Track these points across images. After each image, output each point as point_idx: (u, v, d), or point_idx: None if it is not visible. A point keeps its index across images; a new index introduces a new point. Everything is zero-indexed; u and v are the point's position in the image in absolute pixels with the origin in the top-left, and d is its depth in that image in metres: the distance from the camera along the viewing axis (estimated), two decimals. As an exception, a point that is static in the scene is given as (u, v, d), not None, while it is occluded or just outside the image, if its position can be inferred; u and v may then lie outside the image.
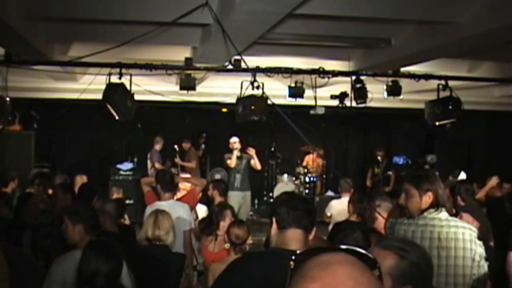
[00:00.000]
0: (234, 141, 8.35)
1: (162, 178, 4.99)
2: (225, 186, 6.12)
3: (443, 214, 2.86)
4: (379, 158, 10.30)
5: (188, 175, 7.36)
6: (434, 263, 2.76)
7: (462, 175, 8.05)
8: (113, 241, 2.92)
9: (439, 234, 2.81)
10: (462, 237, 2.79)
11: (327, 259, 0.88)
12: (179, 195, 5.58)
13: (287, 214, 2.13)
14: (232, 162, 8.32)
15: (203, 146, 11.13)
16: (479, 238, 2.89)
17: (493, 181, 6.66)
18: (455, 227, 2.82)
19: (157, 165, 9.51)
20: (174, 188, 5.08)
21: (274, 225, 2.17)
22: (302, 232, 2.13)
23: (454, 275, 2.76)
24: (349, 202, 5.31)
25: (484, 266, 2.81)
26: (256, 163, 8.41)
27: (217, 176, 10.23)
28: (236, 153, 8.28)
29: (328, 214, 6.27)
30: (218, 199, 5.60)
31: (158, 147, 9.69)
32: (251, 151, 8.41)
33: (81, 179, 6.66)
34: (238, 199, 8.10)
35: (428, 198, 2.86)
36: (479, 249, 2.80)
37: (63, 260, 3.07)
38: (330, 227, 5.89)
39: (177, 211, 4.58)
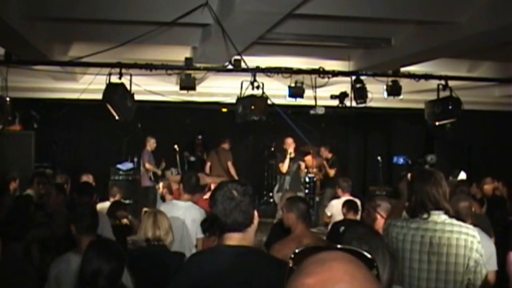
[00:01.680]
0: (290, 142, 8.14)
1: (187, 180, 4.87)
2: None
3: (441, 217, 2.80)
4: (323, 155, 10.12)
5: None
6: (424, 267, 2.74)
7: (462, 175, 8.05)
8: (114, 241, 2.92)
9: (431, 238, 2.75)
10: (455, 243, 2.72)
11: (324, 256, 0.89)
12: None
13: (221, 221, 2.16)
14: (284, 167, 8.19)
15: (199, 153, 10.96)
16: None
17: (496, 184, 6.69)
18: (449, 232, 2.75)
19: (147, 166, 9.44)
20: (196, 191, 4.93)
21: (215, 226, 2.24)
22: (237, 233, 2.18)
23: (444, 280, 2.71)
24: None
25: (481, 273, 2.74)
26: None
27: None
28: (289, 156, 8.12)
29: (329, 214, 6.27)
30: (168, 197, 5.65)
31: (149, 147, 9.62)
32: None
33: (87, 179, 6.67)
34: None
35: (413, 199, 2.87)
36: (475, 255, 2.73)
37: (59, 261, 3.19)
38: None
39: (193, 214, 4.52)
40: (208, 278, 2.10)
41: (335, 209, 6.14)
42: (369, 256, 0.92)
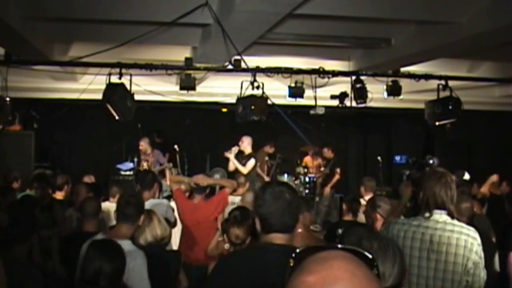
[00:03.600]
0: (242, 140, 7.74)
1: (141, 177, 5.01)
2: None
3: (442, 217, 2.81)
4: (325, 155, 10.23)
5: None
6: (423, 265, 2.76)
7: (466, 176, 8.01)
8: (115, 241, 2.92)
9: (432, 237, 2.77)
10: (455, 243, 2.73)
11: (325, 255, 0.90)
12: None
13: (270, 221, 2.11)
14: (229, 165, 7.82)
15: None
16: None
17: (494, 177, 6.66)
18: (450, 232, 2.77)
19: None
20: (151, 188, 4.98)
21: (259, 225, 2.17)
22: (284, 234, 2.13)
23: (442, 279, 2.73)
24: (343, 201, 5.33)
25: (480, 275, 2.74)
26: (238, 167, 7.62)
27: (216, 176, 10.18)
28: (232, 156, 7.73)
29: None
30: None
31: (140, 147, 9.48)
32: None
33: (89, 180, 6.67)
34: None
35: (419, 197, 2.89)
36: (474, 257, 2.73)
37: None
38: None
39: (161, 210, 4.53)
40: (260, 275, 2.02)
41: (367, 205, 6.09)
42: (369, 255, 0.92)
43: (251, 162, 7.63)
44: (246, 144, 7.79)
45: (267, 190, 2.17)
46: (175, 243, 5.26)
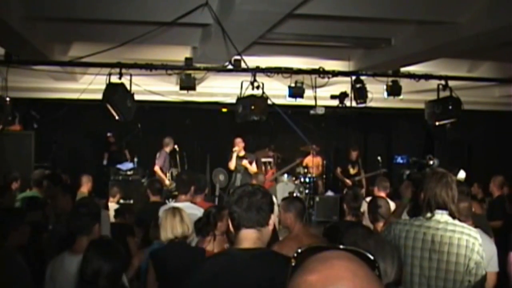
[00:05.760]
0: (237, 141, 8.36)
1: (176, 180, 5.15)
2: (160, 186, 5.90)
3: (443, 217, 2.83)
4: (353, 158, 10.34)
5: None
6: (425, 265, 2.77)
7: (461, 174, 8.01)
8: (114, 241, 2.93)
9: (433, 237, 2.79)
10: (457, 243, 2.75)
11: (327, 255, 0.91)
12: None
13: (237, 215, 2.19)
14: (231, 163, 8.38)
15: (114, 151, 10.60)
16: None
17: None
18: (451, 232, 2.78)
19: (156, 168, 9.40)
20: (188, 190, 5.01)
21: (230, 224, 2.25)
22: (253, 231, 2.19)
23: (444, 279, 2.74)
24: (344, 201, 5.32)
25: (482, 275, 2.76)
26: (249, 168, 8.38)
27: (220, 177, 10.19)
28: (235, 154, 8.27)
29: (362, 211, 6.26)
30: (152, 198, 5.62)
31: (167, 149, 9.54)
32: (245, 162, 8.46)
33: (87, 179, 6.67)
34: None
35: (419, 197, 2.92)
36: (476, 257, 2.74)
37: (54, 261, 3.25)
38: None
39: (193, 214, 4.56)
40: (227, 282, 2.09)
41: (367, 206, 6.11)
42: (371, 256, 0.93)
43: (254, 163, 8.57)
44: (242, 146, 8.50)
45: (239, 188, 2.29)
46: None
